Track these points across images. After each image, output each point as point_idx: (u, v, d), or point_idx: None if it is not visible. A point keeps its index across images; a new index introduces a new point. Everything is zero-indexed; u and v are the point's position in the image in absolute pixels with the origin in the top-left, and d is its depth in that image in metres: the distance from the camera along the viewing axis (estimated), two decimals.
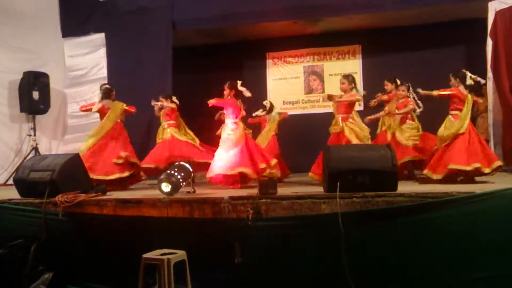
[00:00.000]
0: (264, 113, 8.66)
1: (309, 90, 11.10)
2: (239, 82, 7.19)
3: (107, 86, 7.61)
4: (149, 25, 9.51)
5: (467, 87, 6.36)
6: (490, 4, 8.21)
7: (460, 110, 6.28)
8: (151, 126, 8.49)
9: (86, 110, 7.70)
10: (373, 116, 7.84)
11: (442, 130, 6.37)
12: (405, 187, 5.33)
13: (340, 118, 6.89)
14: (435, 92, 6.49)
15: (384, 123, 7.81)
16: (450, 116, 6.39)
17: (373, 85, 8.50)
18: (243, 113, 7.28)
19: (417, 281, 4.53)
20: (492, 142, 8.02)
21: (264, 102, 8.83)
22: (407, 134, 7.42)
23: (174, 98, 8.21)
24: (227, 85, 7.20)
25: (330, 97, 7.11)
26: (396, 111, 7.49)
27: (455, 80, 6.44)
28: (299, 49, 11.12)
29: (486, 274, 4.37)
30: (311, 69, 11.11)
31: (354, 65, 10.76)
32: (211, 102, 7.09)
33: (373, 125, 7.69)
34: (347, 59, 10.89)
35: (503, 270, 4.36)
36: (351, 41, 10.73)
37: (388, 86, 7.90)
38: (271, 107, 8.74)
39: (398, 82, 7.84)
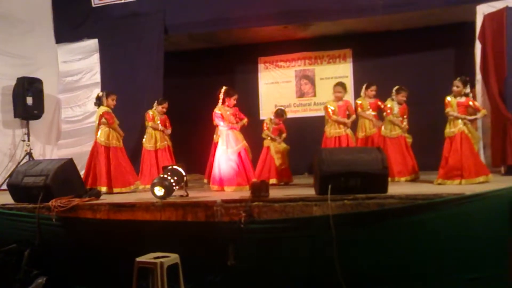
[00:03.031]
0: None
1: (300, 94, 11.14)
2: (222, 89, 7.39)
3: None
4: (142, 30, 9.51)
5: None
6: (478, 7, 8.25)
7: None
8: (143, 131, 8.49)
9: None
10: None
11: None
12: (395, 189, 5.39)
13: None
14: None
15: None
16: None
17: None
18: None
19: (409, 282, 4.58)
20: (481, 144, 8.07)
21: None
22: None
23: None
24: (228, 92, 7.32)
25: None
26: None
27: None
28: (290, 53, 11.13)
29: (476, 275, 4.43)
30: (302, 73, 11.15)
31: (345, 69, 10.80)
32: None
33: None
34: (338, 63, 10.92)
35: (493, 271, 4.41)
36: (342, 45, 10.75)
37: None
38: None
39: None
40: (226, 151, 7.05)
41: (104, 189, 7.02)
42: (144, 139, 8.11)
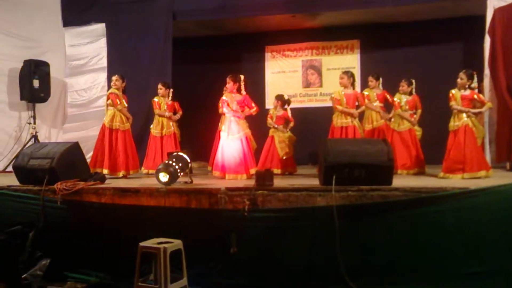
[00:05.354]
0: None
1: (307, 84, 11.13)
2: (242, 77, 7.37)
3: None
4: (150, 15, 9.48)
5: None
6: (489, 1, 8.16)
7: None
8: (149, 117, 8.50)
9: None
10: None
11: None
12: (400, 181, 5.39)
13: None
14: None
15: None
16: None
17: None
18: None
19: (410, 274, 4.60)
20: (487, 139, 8.05)
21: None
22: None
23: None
24: (231, 78, 7.30)
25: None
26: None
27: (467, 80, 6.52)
28: (297, 43, 11.12)
29: (478, 269, 4.45)
30: (309, 63, 11.13)
31: (352, 60, 10.77)
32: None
33: None
34: (346, 53, 10.90)
35: (495, 265, 4.43)
36: (350, 36, 10.72)
37: (373, 82, 7.99)
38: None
39: (381, 79, 8.08)
40: (227, 138, 7.09)
41: (105, 171, 7.09)
42: (152, 125, 8.13)
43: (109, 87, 7.62)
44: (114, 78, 7.57)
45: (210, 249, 4.93)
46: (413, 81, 7.73)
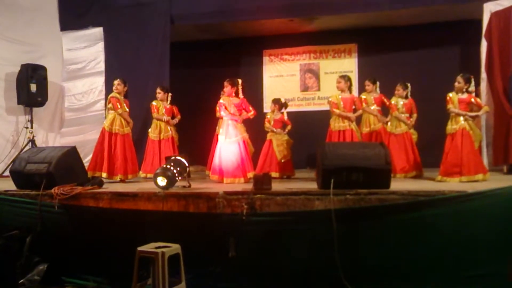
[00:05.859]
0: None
1: (304, 88, 11.14)
2: (239, 81, 7.40)
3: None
4: (147, 19, 9.48)
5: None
6: (485, 5, 8.23)
7: None
8: (147, 121, 8.50)
9: None
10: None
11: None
12: (398, 185, 5.39)
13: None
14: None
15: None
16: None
17: None
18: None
19: (408, 277, 4.59)
20: (484, 142, 8.07)
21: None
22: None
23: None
24: (229, 81, 7.30)
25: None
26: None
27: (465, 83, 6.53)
28: (295, 47, 11.15)
29: (476, 272, 4.44)
30: (307, 67, 11.14)
31: (350, 64, 10.80)
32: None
33: None
34: (343, 57, 10.93)
35: (492, 268, 4.42)
36: (347, 39, 10.75)
37: (370, 86, 8.01)
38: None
39: (378, 83, 8.10)
40: (225, 141, 7.09)
41: (104, 175, 7.09)
42: (150, 129, 8.13)
43: (107, 91, 7.63)
44: (116, 82, 7.59)
45: (209, 253, 4.91)
46: (409, 84, 7.76)
